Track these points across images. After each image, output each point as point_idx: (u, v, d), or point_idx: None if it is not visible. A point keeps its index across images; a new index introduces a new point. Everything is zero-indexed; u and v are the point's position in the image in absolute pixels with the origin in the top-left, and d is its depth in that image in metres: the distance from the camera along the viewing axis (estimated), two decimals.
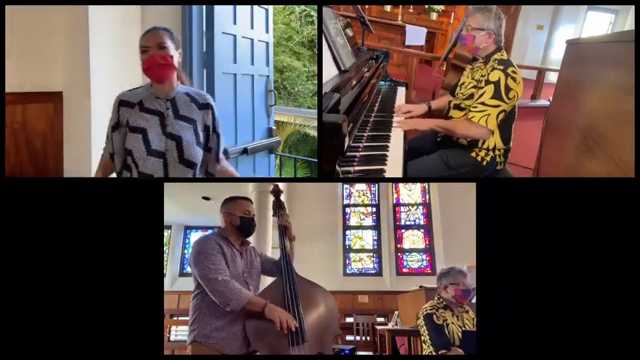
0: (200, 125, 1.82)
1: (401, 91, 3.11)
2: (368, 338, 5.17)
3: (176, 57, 1.79)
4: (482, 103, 2.12)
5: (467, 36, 2.25)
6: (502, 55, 2.21)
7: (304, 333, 1.70)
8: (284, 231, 2.01)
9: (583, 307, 1.66)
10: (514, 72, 2.12)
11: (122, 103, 1.80)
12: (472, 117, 2.14)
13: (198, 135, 1.81)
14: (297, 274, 1.88)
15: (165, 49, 1.75)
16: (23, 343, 1.67)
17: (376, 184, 6.16)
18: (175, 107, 1.80)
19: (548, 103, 2.96)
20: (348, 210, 6.23)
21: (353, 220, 6.20)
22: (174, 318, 5.79)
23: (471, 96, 2.23)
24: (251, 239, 2.00)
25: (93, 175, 1.92)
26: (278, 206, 2.06)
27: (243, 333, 1.74)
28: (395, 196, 6.22)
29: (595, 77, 2.10)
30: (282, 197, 2.12)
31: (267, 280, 1.95)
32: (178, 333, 5.77)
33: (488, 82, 2.13)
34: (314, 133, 9.57)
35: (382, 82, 3.13)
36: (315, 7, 6.59)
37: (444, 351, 2.00)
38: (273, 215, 2.07)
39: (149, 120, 1.77)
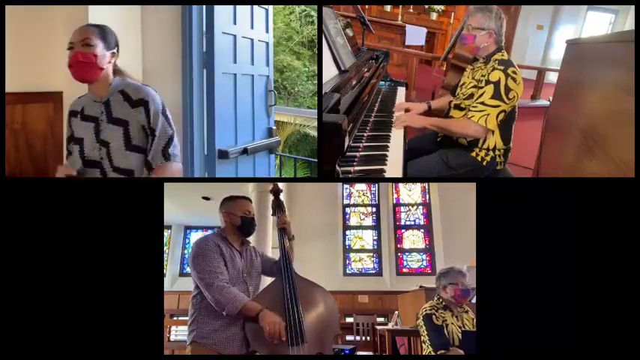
0: (134, 126, 1.68)
1: (401, 91, 3.11)
2: (368, 338, 5.17)
3: (106, 56, 1.68)
4: (482, 103, 2.12)
5: (467, 35, 2.24)
6: (503, 55, 2.20)
7: (303, 333, 1.69)
8: (282, 231, 2.00)
9: (583, 307, 1.66)
10: (514, 72, 2.12)
11: (71, 113, 1.75)
12: (471, 116, 2.13)
13: (130, 138, 1.68)
14: (297, 274, 1.88)
15: (89, 47, 1.65)
16: (23, 343, 1.67)
17: (376, 184, 6.16)
18: (109, 110, 1.70)
19: (548, 103, 2.96)
20: (348, 210, 6.23)
21: (353, 220, 6.20)
22: (174, 318, 5.79)
23: (471, 96, 2.23)
24: (251, 239, 1.99)
25: None
26: (277, 205, 2.05)
27: (242, 334, 1.74)
28: (395, 196, 6.22)
29: (595, 77, 2.10)
30: (282, 197, 2.11)
31: (266, 280, 1.95)
32: (178, 333, 5.77)
33: (488, 82, 2.13)
34: (314, 133, 9.57)
35: (382, 82, 3.13)
36: (315, 7, 6.59)
37: (443, 351, 2.00)
38: (272, 215, 2.06)
39: (86, 128, 1.70)
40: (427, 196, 6.12)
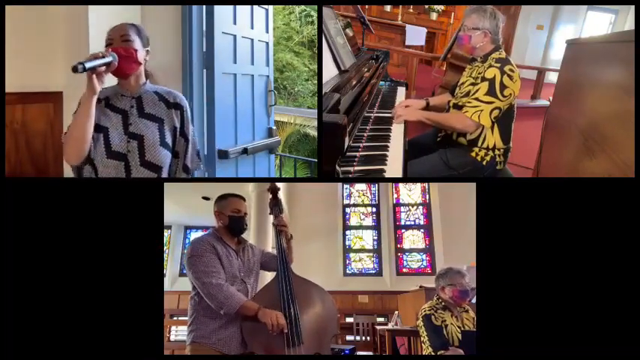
0: (168, 125, 1.72)
1: (401, 91, 3.11)
2: (368, 338, 5.17)
3: (142, 53, 1.71)
4: (477, 99, 2.14)
5: (463, 36, 2.28)
6: (500, 54, 2.21)
7: (300, 334, 1.69)
8: (279, 231, 1.95)
9: (583, 307, 1.66)
10: (511, 70, 2.13)
11: None
12: (465, 112, 2.15)
13: (164, 134, 1.70)
14: (295, 273, 1.86)
15: (128, 42, 1.67)
16: (24, 343, 1.67)
17: (376, 184, 6.16)
18: (141, 105, 1.71)
19: (548, 103, 2.96)
20: (348, 210, 6.23)
21: (353, 220, 6.20)
22: (174, 318, 5.79)
23: (468, 93, 2.24)
24: (251, 239, 1.98)
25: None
26: (274, 204, 2.00)
27: (241, 333, 1.74)
28: (395, 196, 6.22)
29: (595, 77, 2.10)
30: (282, 196, 2.08)
31: (265, 280, 1.94)
32: (178, 333, 5.77)
33: (483, 79, 2.15)
34: (314, 133, 9.57)
35: (382, 82, 3.13)
36: (315, 7, 6.59)
37: (442, 352, 2.00)
38: (269, 214, 2.01)
39: (112, 118, 1.68)
40: (427, 196, 6.12)
